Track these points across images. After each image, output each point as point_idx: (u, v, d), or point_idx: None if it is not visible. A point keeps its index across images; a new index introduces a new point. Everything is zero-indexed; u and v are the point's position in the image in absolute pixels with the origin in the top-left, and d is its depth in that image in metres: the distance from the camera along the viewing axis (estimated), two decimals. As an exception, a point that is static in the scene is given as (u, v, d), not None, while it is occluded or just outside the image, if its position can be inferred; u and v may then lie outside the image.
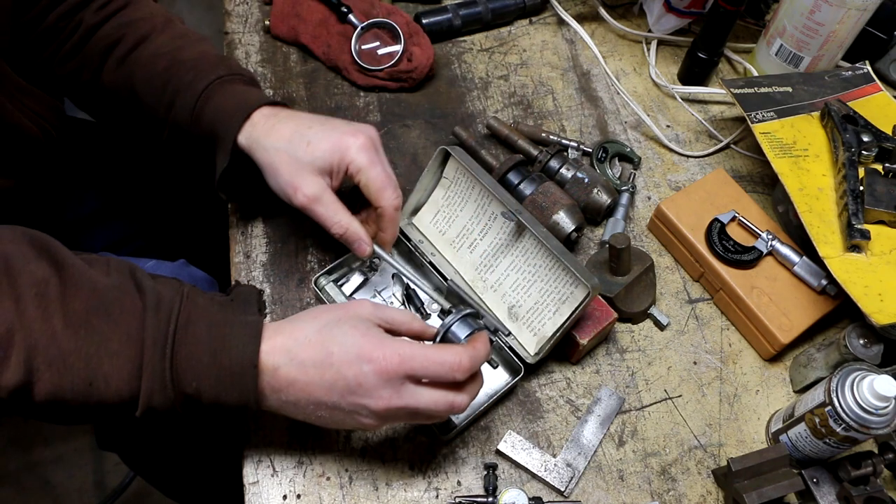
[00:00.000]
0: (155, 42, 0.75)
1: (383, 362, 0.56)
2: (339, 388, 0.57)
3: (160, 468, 1.09)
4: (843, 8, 0.83)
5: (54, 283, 0.54)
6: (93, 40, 0.76)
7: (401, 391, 0.57)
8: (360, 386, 0.56)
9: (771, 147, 0.80)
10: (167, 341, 0.55)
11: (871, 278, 0.72)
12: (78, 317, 0.54)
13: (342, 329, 0.58)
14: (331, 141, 0.68)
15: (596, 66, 0.98)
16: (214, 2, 2.12)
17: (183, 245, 1.03)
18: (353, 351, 0.57)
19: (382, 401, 0.57)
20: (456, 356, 0.58)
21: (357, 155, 0.67)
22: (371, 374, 0.56)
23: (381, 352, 0.57)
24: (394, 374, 0.56)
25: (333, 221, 0.68)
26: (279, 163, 0.68)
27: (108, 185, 0.99)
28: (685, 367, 0.76)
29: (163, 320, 0.56)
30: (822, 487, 0.67)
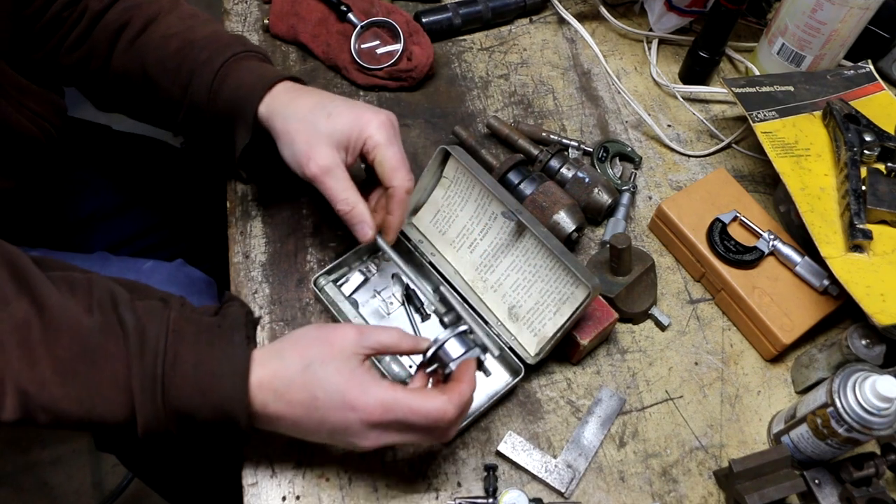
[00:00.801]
0: (164, 23, 0.74)
1: (366, 412, 0.57)
2: (327, 428, 0.58)
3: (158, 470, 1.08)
4: (846, 7, 0.83)
5: (36, 325, 0.54)
6: (99, 27, 0.75)
7: (388, 431, 0.58)
8: (347, 430, 0.58)
9: (772, 146, 0.80)
10: (156, 386, 0.55)
11: (874, 278, 0.71)
12: (64, 364, 0.54)
13: (327, 371, 0.58)
14: (351, 115, 0.67)
15: (597, 66, 0.98)
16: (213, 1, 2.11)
17: (182, 245, 1.02)
18: (338, 398, 0.57)
19: (369, 441, 0.58)
20: (440, 408, 0.57)
21: (376, 131, 0.67)
22: (356, 422, 0.57)
23: (364, 400, 0.57)
24: (377, 423, 0.58)
25: (341, 197, 0.67)
26: (296, 131, 0.67)
27: (109, 186, 0.98)
28: (686, 368, 0.76)
29: (148, 365, 0.55)
30: (823, 489, 0.66)
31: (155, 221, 1.01)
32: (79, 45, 0.76)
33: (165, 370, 0.55)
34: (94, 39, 0.75)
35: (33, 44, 0.76)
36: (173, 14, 0.75)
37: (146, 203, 1.00)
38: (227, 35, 0.75)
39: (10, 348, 0.53)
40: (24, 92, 0.75)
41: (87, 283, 0.58)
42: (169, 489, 1.17)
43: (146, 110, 0.79)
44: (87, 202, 0.96)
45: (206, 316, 0.59)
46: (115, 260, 0.89)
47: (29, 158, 0.78)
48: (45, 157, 0.81)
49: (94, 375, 0.55)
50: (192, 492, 1.14)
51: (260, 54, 0.75)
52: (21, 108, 0.73)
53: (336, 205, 0.67)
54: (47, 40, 0.76)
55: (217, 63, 0.71)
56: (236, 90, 0.70)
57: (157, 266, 0.89)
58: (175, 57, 0.72)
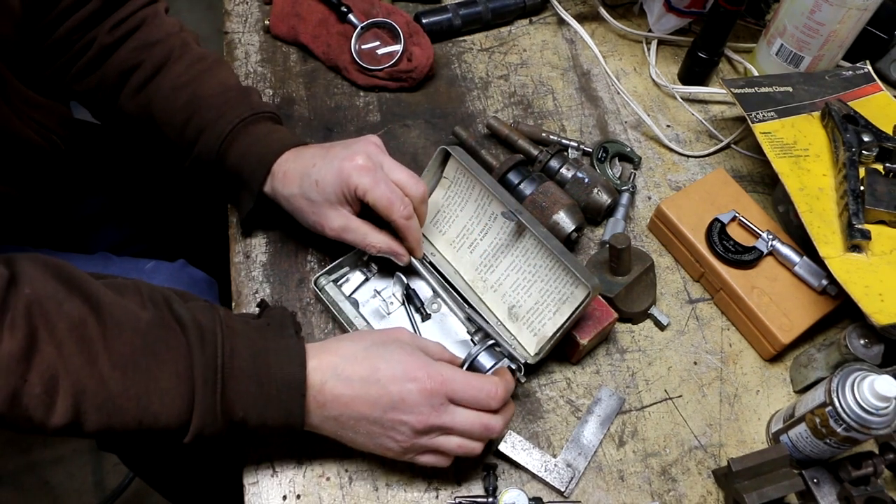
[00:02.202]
0: (174, 71, 0.76)
1: (428, 382, 0.59)
2: (382, 403, 0.59)
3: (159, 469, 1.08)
4: (844, 8, 0.83)
5: (92, 323, 0.55)
6: (109, 63, 0.76)
7: (440, 410, 0.60)
8: (403, 401, 0.59)
9: (771, 147, 0.80)
10: (217, 376, 0.56)
11: (872, 278, 0.71)
12: (124, 358, 0.55)
13: (389, 349, 0.61)
14: (332, 174, 0.69)
15: (596, 66, 0.98)
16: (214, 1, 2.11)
17: (183, 245, 1.03)
18: (400, 369, 0.60)
19: (422, 416, 0.59)
20: (493, 385, 0.62)
21: (359, 180, 0.68)
22: (415, 392, 0.59)
23: (425, 371, 0.60)
24: (436, 394, 0.60)
25: (366, 244, 0.70)
26: (300, 208, 0.71)
27: (110, 188, 0.98)
28: (685, 368, 0.76)
29: (209, 356, 0.57)
30: (822, 488, 0.67)
31: (156, 223, 1.01)
32: (88, 73, 0.77)
33: (224, 361, 0.57)
34: (104, 74, 0.77)
35: (42, 60, 0.77)
36: (182, 61, 0.77)
37: (147, 205, 1.01)
38: (236, 90, 0.77)
39: (68, 346, 0.53)
40: (30, 104, 0.75)
41: (134, 286, 0.60)
42: (170, 488, 1.17)
43: (153, 145, 0.81)
44: (89, 204, 0.97)
45: (250, 317, 0.63)
46: (117, 260, 0.89)
47: (35, 168, 0.79)
48: (51, 167, 0.81)
49: (156, 368, 0.55)
50: (193, 491, 1.14)
51: (265, 113, 0.76)
52: (28, 120, 0.74)
53: (367, 251, 0.71)
54: (55, 59, 0.77)
55: (225, 128, 0.73)
56: (242, 159, 0.73)
57: (159, 266, 0.89)
58: (184, 111, 0.74)
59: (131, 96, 0.76)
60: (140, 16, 0.78)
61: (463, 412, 0.61)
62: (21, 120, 0.73)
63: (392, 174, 0.70)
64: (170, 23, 0.79)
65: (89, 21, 0.76)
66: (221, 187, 0.78)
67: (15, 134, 0.72)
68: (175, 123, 0.75)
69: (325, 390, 0.59)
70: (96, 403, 0.54)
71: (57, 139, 0.79)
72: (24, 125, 0.73)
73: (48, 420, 0.53)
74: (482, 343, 0.68)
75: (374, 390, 0.59)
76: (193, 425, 0.56)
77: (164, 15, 0.80)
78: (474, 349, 0.68)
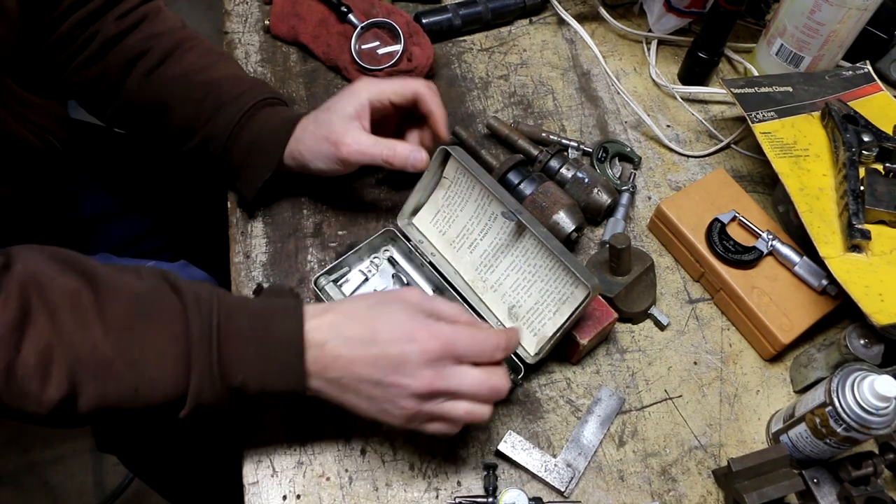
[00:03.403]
0: (186, 58, 0.77)
1: (429, 342, 0.57)
2: (382, 365, 0.57)
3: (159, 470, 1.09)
4: (844, 8, 0.83)
5: (87, 293, 0.54)
6: (114, 52, 0.76)
7: (443, 373, 0.58)
8: (403, 364, 0.57)
9: (771, 147, 0.80)
10: (212, 334, 0.56)
11: (872, 278, 0.71)
12: (118, 322, 0.54)
13: (389, 309, 0.60)
14: (341, 97, 0.74)
15: (596, 66, 0.98)
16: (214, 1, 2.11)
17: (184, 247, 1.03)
18: (399, 329, 0.58)
19: (424, 381, 0.57)
20: (497, 336, 0.60)
21: (367, 87, 0.73)
22: (415, 353, 0.57)
23: (427, 331, 0.58)
24: (437, 356, 0.57)
25: (382, 147, 0.71)
26: (315, 142, 0.73)
27: (110, 188, 0.98)
28: (685, 368, 0.76)
29: (205, 315, 0.56)
30: (822, 488, 0.67)
31: (156, 224, 1.01)
32: (89, 65, 0.77)
33: (220, 322, 0.56)
34: (108, 63, 0.77)
35: (40, 60, 0.77)
36: (195, 51, 0.78)
37: (147, 205, 1.01)
38: (250, 78, 0.80)
39: (62, 315, 0.53)
40: (27, 105, 0.75)
41: (134, 266, 0.60)
42: (169, 489, 1.17)
43: (150, 134, 0.80)
44: (88, 205, 0.97)
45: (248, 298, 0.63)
46: (117, 260, 0.89)
47: (31, 169, 0.79)
48: (49, 168, 0.81)
49: (150, 331, 0.55)
50: (193, 491, 1.14)
51: (280, 99, 0.79)
52: (25, 122, 0.74)
53: (381, 157, 0.71)
54: (54, 57, 0.77)
55: (245, 104, 0.75)
56: (261, 131, 0.75)
57: (160, 266, 0.89)
58: (200, 89, 0.75)
59: (138, 81, 0.76)
60: (143, 10, 0.78)
61: (469, 373, 0.58)
62: (17, 121, 0.73)
63: None
64: (173, 18, 0.81)
65: (93, 16, 0.76)
66: (227, 167, 0.77)
67: (11, 135, 0.72)
68: (190, 102, 0.75)
69: (326, 351, 0.58)
70: (91, 370, 0.53)
71: (54, 140, 0.79)
72: (20, 126, 0.73)
73: (44, 394, 0.52)
74: None
75: (374, 351, 0.58)
76: (191, 390, 0.55)
77: (167, 10, 0.81)
78: None
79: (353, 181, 0.84)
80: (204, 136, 0.76)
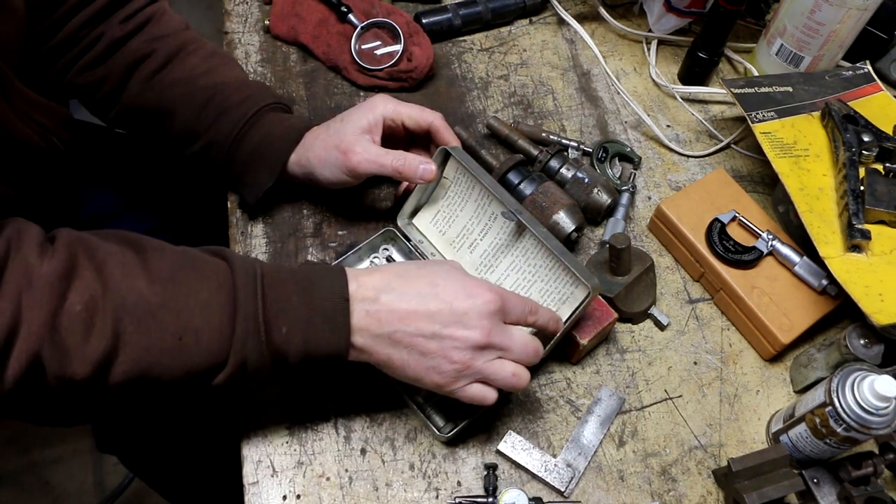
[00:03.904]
0: (189, 61, 0.77)
1: (487, 295, 0.60)
2: (442, 316, 0.59)
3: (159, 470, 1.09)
4: (844, 8, 0.83)
5: (131, 252, 0.56)
6: (118, 54, 0.76)
7: (501, 328, 0.61)
8: (466, 314, 0.59)
9: (771, 147, 0.80)
10: (257, 284, 0.57)
11: (872, 278, 0.71)
12: (164, 273, 0.55)
13: (445, 268, 0.63)
14: (356, 110, 0.75)
15: (596, 66, 0.98)
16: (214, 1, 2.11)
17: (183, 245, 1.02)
18: (459, 285, 0.61)
19: (484, 331, 0.59)
20: (530, 302, 0.64)
21: (385, 105, 0.75)
22: (479, 305, 0.59)
23: (486, 287, 0.61)
24: (496, 309, 0.60)
25: (393, 157, 0.72)
26: (324, 151, 0.73)
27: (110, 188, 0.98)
28: (685, 368, 0.76)
29: (249, 270, 0.58)
30: (822, 488, 0.67)
31: (156, 223, 1.01)
32: (93, 67, 0.77)
33: (265, 272, 0.58)
34: (111, 66, 0.77)
35: (44, 60, 0.77)
36: (198, 54, 0.78)
37: (147, 205, 1.01)
38: (253, 82, 0.80)
39: (110, 267, 0.54)
40: (31, 104, 0.75)
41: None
42: (169, 489, 1.17)
43: (152, 137, 0.81)
44: (89, 205, 0.96)
45: None
46: None
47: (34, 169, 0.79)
48: (51, 168, 0.81)
49: (196, 282, 0.56)
50: (193, 491, 1.14)
51: (285, 105, 0.80)
52: (30, 122, 0.74)
53: (392, 166, 0.72)
54: (59, 58, 0.77)
55: (249, 109, 0.75)
56: (265, 137, 0.75)
57: None
58: (203, 94, 0.76)
59: (141, 84, 0.76)
60: (148, 12, 0.79)
61: (519, 332, 0.62)
62: (22, 121, 0.73)
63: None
64: (177, 20, 0.81)
65: (97, 17, 0.76)
66: (229, 171, 0.78)
67: (16, 135, 0.72)
68: (193, 106, 0.75)
69: (380, 305, 0.59)
70: (136, 318, 0.53)
71: (56, 140, 0.79)
72: (24, 126, 0.73)
73: (87, 345, 0.51)
74: None
75: (434, 304, 0.59)
76: (235, 343, 0.55)
77: (171, 12, 0.82)
78: None
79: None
80: (206, 141, 0.76)
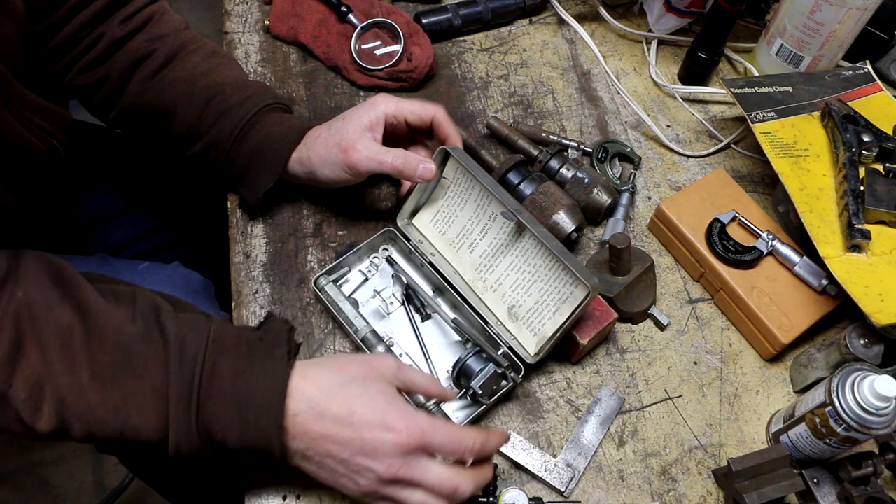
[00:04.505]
0: (189, 61, 0.77)
1: (405, 434, 0.56)
2: (353, 447, 0.57)
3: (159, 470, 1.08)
4: (844, 7, 0.83)
5: (79, 331, 0.55)
6: (119, 54, 0.76)
7: (412, 463, 0.57)
8: (375, 451, 0.56)
9: (771, 147, 0.80)
10: (191, 395, 0.56)
11: (872, 278, 0.71)
12: (104, 369, 0.55)
13: (369, 391, 0.59)
14: (358, 109, 0.74)
15: (596, 66, 0.98)
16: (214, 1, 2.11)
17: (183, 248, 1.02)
18: (377, 416, 0.57)
19: (392, 469, 0.56)
20: (471, 439, 0.59)
21: (386, 103, 0.74)
22: (390, 443, 0.56)
23: (404, 423, 0.57)
24: (411, 448, 0.57)
25: (394, 155, 0.71)
26: (325, 150, 0.73)
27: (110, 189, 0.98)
28: (685, 368, 0.76)
29: (186, 373, 0.56)
30: (822, 488, 0.67)
31: (155, 224, 1.01)
32: (93, 67, 0.77)
33: (203, 381, 0.56)
34: (112, 65, 0.77)
35: (44, 61, 0.77)
36: (198, 54, 0.78)
37: (148, 206, 1.00)
38: (253, 82, 0.79)
39: (52, 353, 0.54)
40: (33, 108, 0.75)
41: (132, 295, 0.59)
42: (169, 489, 1.17)
43: (153, 138, 0.80)
44: (88, 206, 0.96)
45: (247, 330, 0.61)
46: (113, 261, 0.89)
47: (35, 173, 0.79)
48: (51, 172, 0.81)
49: (133, 382, 0.55)
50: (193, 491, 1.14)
51: (284, 104, 0.80)
52: (31, 126, 0.74)
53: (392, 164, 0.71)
54: (59, 59, 0.77)
55: (250, 109, 0.75)
56: (266, 138, 0.75)
57: (153, 267, 0.89)
58: (203, 94, 0.75)
59: (141, 85, 0.76)
60: (148, 11, 0.79)
61: (435, 469, 0.57)
62: (23, 125, 0.73)
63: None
64: (177, 20, 0.81)
65: (97, 17, 0.76)
66: (230, 172, 0.77)
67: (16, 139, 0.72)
68: (193, 107, 0.75)
69: (297, 422, 0.57)
70: (77, 413, 0.54)
71: (57, 143, 0.79)
72: (24, 130, 0.73)
73: (36, 424, 0.54)
74: (472, 348, 0.69)
75: (347, 433, 0.57)
76: (171, 442, 0.56)
77: (171, 12, 0.82)
78: (464, 353, 0.69)
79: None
80: (207, 141, 0.76)
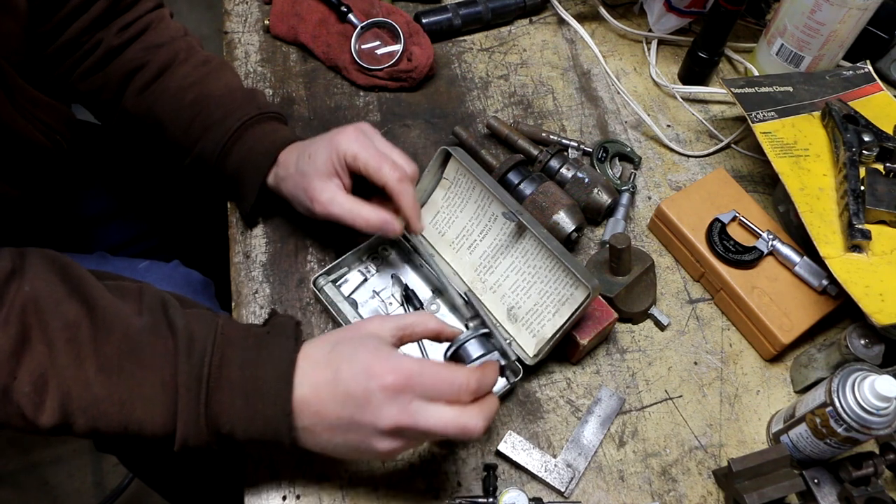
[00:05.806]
0: (179, 71, 0.77)
1: (389, 377, 0.54)
2: (348, 405, 0.55)
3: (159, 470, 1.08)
4: (845, 7, 0.83)
5: (86, 325, 0.55)
6: (114, 63, 0.77)
7: (408, 409, 0.54)
8: (368, 402, 0.55)
9: (772, 147, 0.80)
10: (200, 386, 0.55)
11: (872, 278, 0.71)
12: (110, 362, 0.54)
13: (352, 346, 0.58)
14: (324, 144, 0.70)
15: (596, 66, 0.98)
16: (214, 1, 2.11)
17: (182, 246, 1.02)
18: (360, 367, 0.55)
19: (389, 418, 0.54)
20: (464, 377, 0.56)
21: (348, 146, 0.69)
22: (377, 390, 0.54)
23: (388, 365, 0.55)
24: (399, 390, 0.54)
25: (354, 215, 0.68)
26: (294, 188, 0.71)
27: (111, 188, 0.98)
28: (686, 368, 0.76)
29: (195, 364, 0.55)
30: (823, 488, 0.67)
31: (155, 223, 1.01)
32: (92, 73, 0.77)
33: (212, 372, 0.55)
34: (109, 73, 0.77)
35: (49, 62, 0.77)
36: (189, 63, 0.78)
37: (147, 205, 1.01)
38: (241, 90, 0.78)
39: (59, 346, 0.53)
40: (36, 104, 0.75)
41: (138, 290, 0.59)
42: (169, 489, 1.17)
43: (151, 146, 0.81)
44: (89, 204, 0.97)
45: (254, 326, 0.61)
46: (113, 259, 0.89)
47: (38, 168, 0.79)
48: (54, 167, 0.81)
49: (139, 374, 0.55)
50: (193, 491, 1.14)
51: (271, 113, 0.77)
52: (34, 120, 0.74)
53: (355, 225, 0.69)
54: (63, 61, 0.78)
55: (231, 125, 0.74)
56: (246, 155, 0.74)
57: (153, 266, 0.89)
58: (190, 108, 0.75)
59: (135, 96, 0.77)
60: (146, 19, 0.79)
61: (437, 410, 0.55)
62: (26, 119, 0.73)
63: (383, 150, 0.70)
64: (175, 27, 0.81)
65: (96, 23, 0.76)
66: (221, 185, 0.78)
67: (19, 133, 0.72)
68: (180, 121, 0.75)
69: (298, 399, 0.56)
70: (81, 406, 0.54)
71: (60, 139, 0.79)
72: (28, 124, 0.73)
73: (38, 419, 0.53)
74: (475, 330, 0.64)
75: (339, 392, 0.55)
76: (178, 435, 0.55)
77: (170, 19, 0.82)
78: (464, 334, 0.64)
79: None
80: (195, 156, 0.76)
